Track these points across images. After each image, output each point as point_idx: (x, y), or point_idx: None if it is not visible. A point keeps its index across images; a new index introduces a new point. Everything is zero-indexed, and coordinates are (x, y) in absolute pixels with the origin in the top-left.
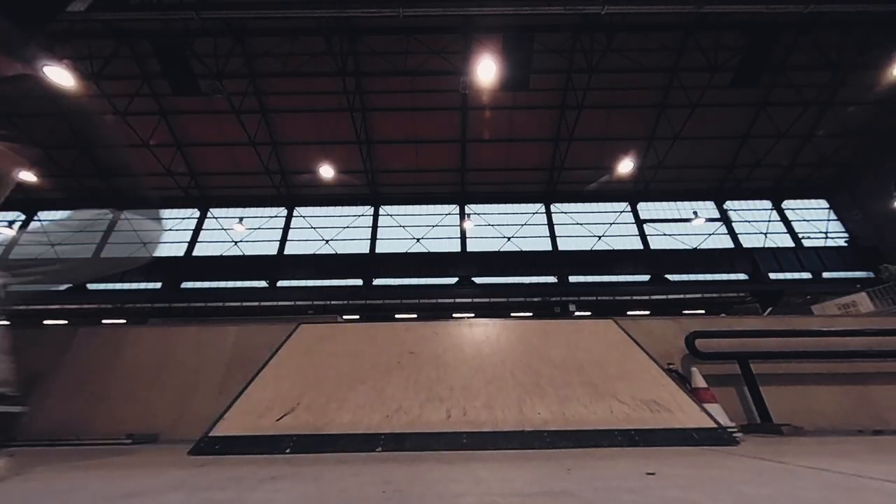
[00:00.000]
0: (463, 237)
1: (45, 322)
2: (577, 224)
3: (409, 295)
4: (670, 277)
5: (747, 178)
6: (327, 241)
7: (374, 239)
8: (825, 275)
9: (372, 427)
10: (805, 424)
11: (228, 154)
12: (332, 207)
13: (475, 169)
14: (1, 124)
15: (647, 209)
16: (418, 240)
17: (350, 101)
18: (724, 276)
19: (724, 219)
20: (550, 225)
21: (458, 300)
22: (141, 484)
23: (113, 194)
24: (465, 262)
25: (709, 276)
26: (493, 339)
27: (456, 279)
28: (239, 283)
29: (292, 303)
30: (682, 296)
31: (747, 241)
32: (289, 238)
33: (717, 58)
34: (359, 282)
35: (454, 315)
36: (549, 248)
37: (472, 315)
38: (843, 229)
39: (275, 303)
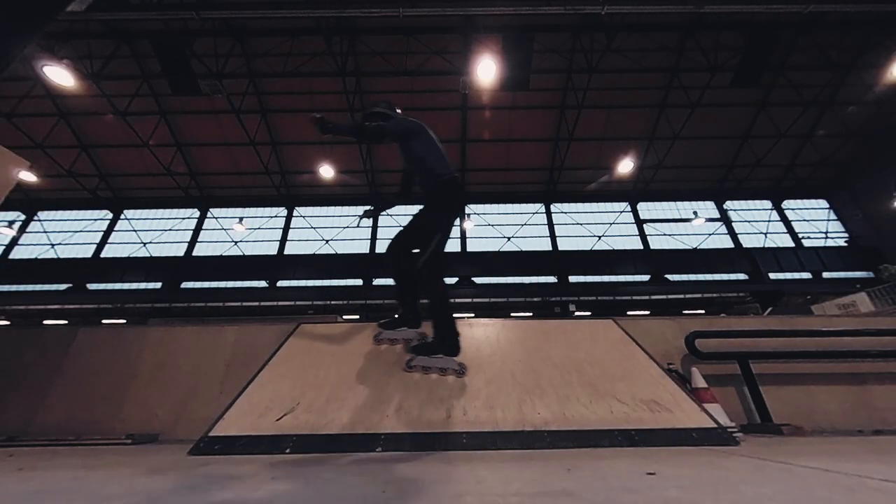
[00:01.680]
0: (463, 237)
1: (45, 322)
2: (577, 224)
3: None
4: (670, 277)
5: (747, 178)
6: (327, 241)
7: (374, 239)
8: (825, 275)
9: (372, 427)
10: (805, 424)
11: (228, 154)
12: (332, 207)
13: (475, 169)
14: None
15: (647, 209)
16: None
17: (350, 101)
18: (724, 276)
19: (724, 219)
20: (550, 225)
21: (458, 300)
22: (141, 484)
23: (112, 194)
24: (464, 262)
25: (709, 276)
26: (493, 339)
27: (456, 279)
28: (239, 283)
29: (292, 303)
30: (682, 296)
31: (747, 241)
32: (289, 238)
33: (717, 58)
34: (359, 282)
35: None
36: (549, 248)
37: (472, 315)
38: (843, 229)
39: (275, 303)
